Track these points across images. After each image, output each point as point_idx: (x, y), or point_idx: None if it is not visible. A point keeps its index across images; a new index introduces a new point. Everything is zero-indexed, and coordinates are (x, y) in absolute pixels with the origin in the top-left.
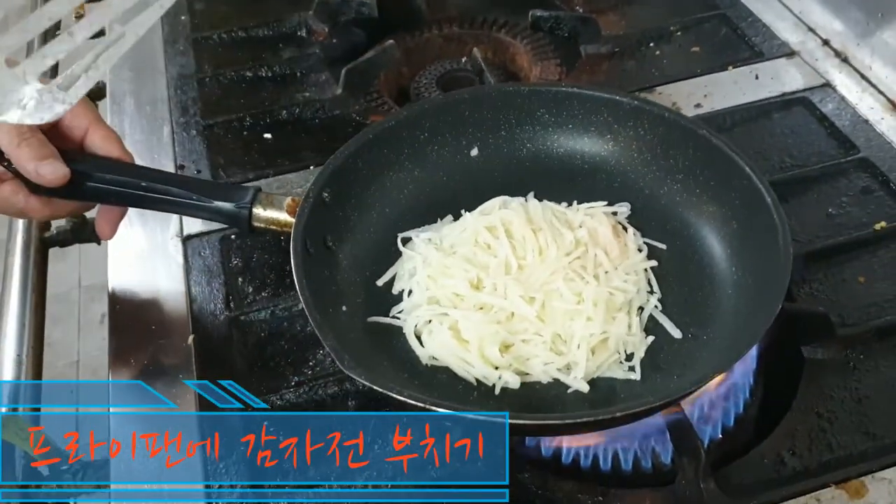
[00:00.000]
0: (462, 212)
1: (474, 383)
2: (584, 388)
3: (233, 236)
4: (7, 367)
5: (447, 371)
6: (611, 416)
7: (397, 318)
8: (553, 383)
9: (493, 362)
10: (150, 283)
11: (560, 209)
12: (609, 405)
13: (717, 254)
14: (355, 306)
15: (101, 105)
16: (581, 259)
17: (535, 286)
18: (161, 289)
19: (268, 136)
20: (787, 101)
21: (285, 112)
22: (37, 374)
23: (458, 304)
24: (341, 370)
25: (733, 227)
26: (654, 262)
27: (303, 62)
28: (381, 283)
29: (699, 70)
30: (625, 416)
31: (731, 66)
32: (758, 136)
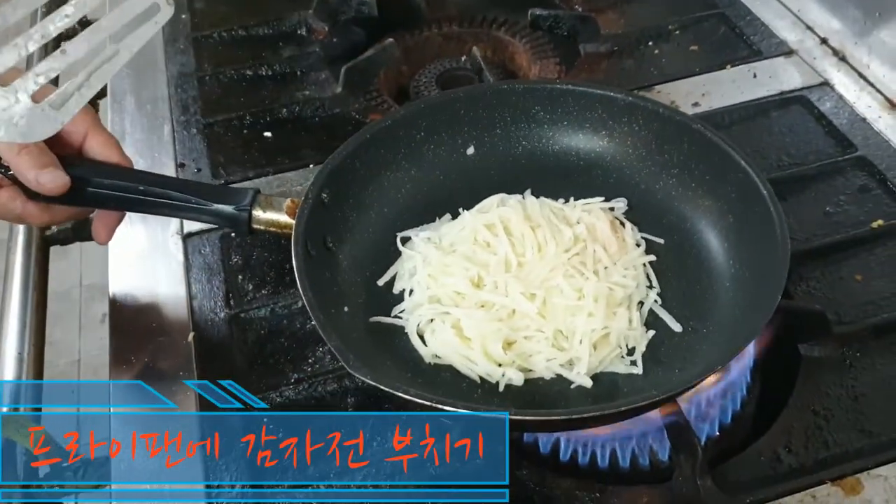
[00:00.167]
0: (460, 210)
1: (478, 381)
2: (588, 384)
3: (233, 234)
4: (8, 365)
5: (450, 369)
6: (617, 411)
7: (399, 318)
8: (556, 379)
9: (497, 359)
10: (150, 281)
11: (557, 206)
12: (612, 400)
13: (715, 247)
14: (357, 306)
15: (102, 103)
16: (580, 255)
17: (536, 283)
18: (161, 287)
19: (268, 134)
20: (785, 100)
21: (285, 110)
22: (38, 372)
23: (460, 303)
24: (341, 368)
25: (729, 221)
26: (652, 256)
27: (303, 61)
28: (382, 282)
29: (698, 69)
30: (630, 409)
31: (729, 65)
32: (756, 135)
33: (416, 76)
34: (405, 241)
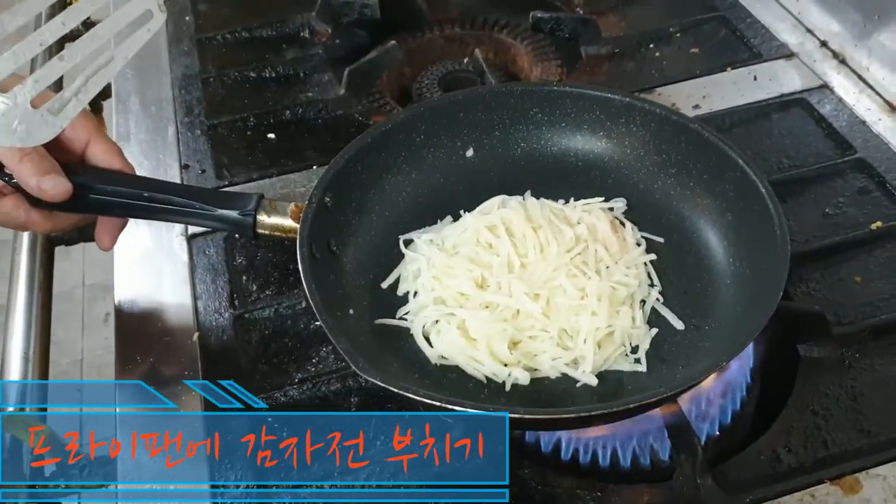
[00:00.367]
0: (461, 212)
1: (484, 381)
2: (593, 382)
3: (236, 236)
4: (14, 364)
5: (456, 370)
6: (625, 408)
7: (404, 320)
8: (561, 378)
9: (503, 359)
10: (155, 282)
11: (558, 206)
12: (617, 398)
13: (714, 245)
14: (362, 309)
15: (107, 105)
16: (582, 255)
17: (539, 283)
18: (166, 287)
19: (271, 136)
20: (785, 102)
21: (289, 112)
22: (43, 372)
23: (464, 304)
24: (344, 367)
25: (728, 219)
26: (653, 255)
27: (306, 63)
28: (386, 285)
29: (698, 71)
30: (639, 406)
31: (729, 68)
32: (756, 137)
33: (418, 78)
34: (408, 243)
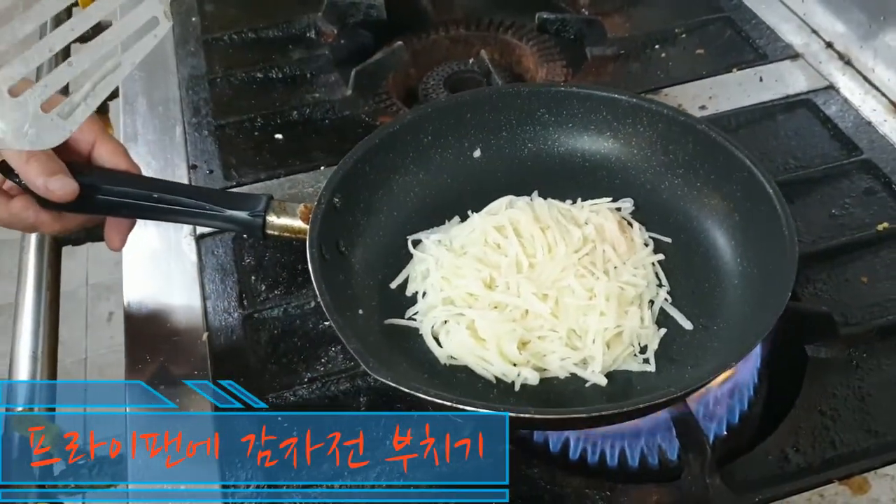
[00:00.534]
0: (468, 212)
1: (493, 381)
2: (603, 382)
3: (245, 236)
4: (23, 364)
5: (466, 370)
6: (636, 408)
7: (414, 320)
8: (571, 378)
9: (512, 359)
10: (164, 282)
11: (565, 207)
12: (626, 398)
13: (722, 245)
14: (371, 309)
15: (114, 105)
16: (590, 255)
17: (547, 283)
18: (175, 287)
19: (279, 136)
20: (790, 104)
21: (296, 113)
22: (52, 371)
23: (473, 304)
24: (353, 367)
25: (735, 219)
26: (661, 255)
27: (312, 63)
28: (395, 285)
29: (704, 72)
30: (649, 406)
31: (735, 69)
32: (762, 138)
33: (424, 79)
34: (416, 243)
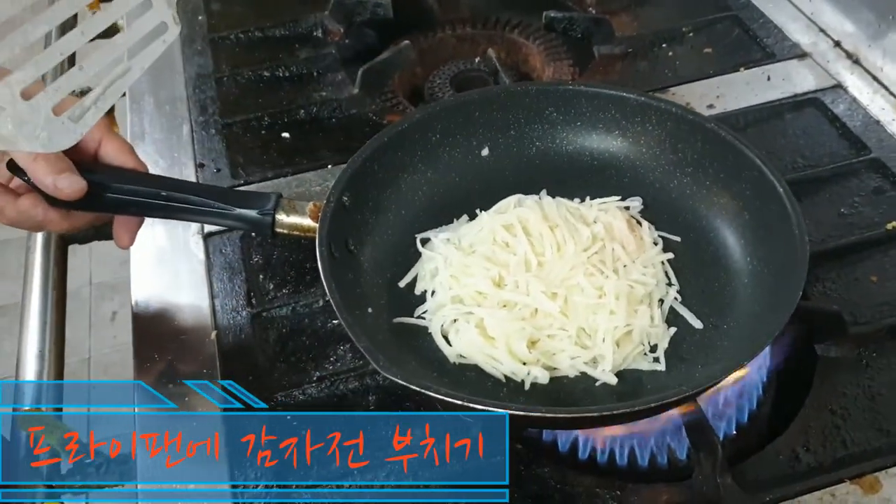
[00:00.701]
0: (477, 211)
1: (503, 380)
2: (613, 381)
3: (253, 234)
4: (30, 362)
5: (475, 368)
6: (647, 406)
7: (423, 319)
8: (581, 377)
9: (521, 358)
10: (171, 281)
11: (574, 205)
12: (637, 397)
13: (732, 244)
14: (379, 308)
15: (121, 104)
16: (599, 254)
17: (556, 282)
18: (183, 286)
19: (286, 135)
20: (798, 102)
21: (303, 111)
22: (59, 370)
23: (482, 303)
24: (362, 366)
25: (745, 218)
26: (670, 254)
27: (319, 62)
28: (403, 284)
29: (711, 71)
30: (660, 405)
31: (743, 68)
32: (770, 137)
33: (430, 77)
34: (424, 242)
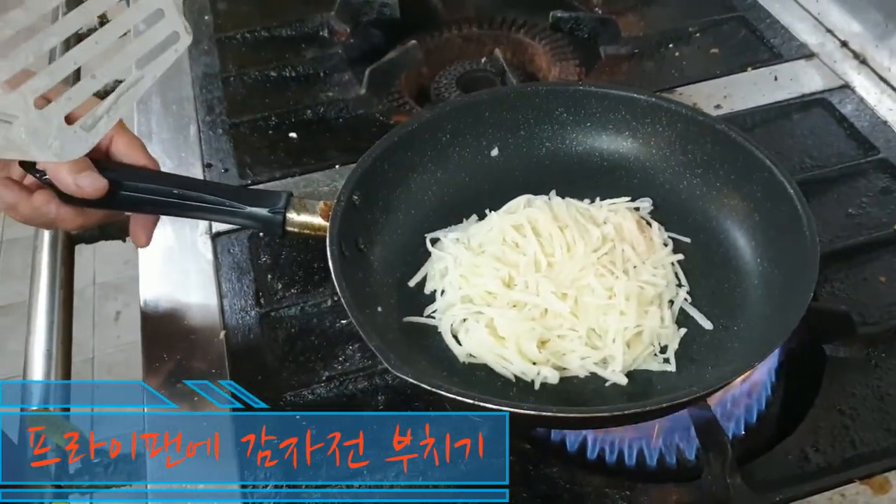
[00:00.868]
0: (486, 211)
1: (513, 379)
2: (623, 381)
3: (261, 234)
4: (37, 362)
5: (485, 368)
6: (658, 407)
7: (432, 318)
8: (591, 377)
9: (531, 358)
10: (180, 281)
11: (584, 206)
12: (647, 397)
13: (742, 246)
14: (389, 307)
15: None
16: (609, 255)
17: (566, 282)
18: (191, 286)
19: (293, 135)
20: (806, 103)
21: (310, 111)
22: (66, 369)
23: (492, 303)
24: (371, 365)
25: (756, 220)
26: (680, 255)
27: (325, 62)
28: (413, 283)
29: (718, 71)
30: (671, 405)
31: (750, 68)
32: (777, 137)
33: (436, 78)
34: (434, 242)
